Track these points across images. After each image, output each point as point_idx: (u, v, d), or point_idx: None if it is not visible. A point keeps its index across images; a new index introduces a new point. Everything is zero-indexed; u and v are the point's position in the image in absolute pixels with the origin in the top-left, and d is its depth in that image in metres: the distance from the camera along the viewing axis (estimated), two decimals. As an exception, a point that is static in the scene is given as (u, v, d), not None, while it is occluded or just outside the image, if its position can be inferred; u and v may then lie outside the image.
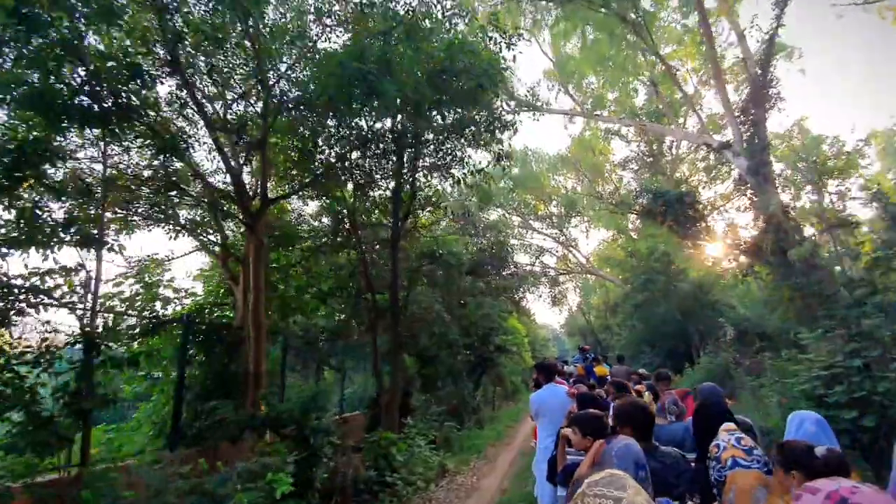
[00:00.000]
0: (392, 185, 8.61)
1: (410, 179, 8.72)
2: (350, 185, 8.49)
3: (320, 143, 6.90)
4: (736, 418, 2.84)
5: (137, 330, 6.00)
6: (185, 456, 5.79)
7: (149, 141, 5.60)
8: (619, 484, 1.04)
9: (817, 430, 2.25)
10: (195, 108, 5.60)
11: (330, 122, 6.53)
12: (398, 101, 6.01)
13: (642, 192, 12.34)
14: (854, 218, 9.10)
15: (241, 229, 7.14)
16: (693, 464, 2.54)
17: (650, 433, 2.33)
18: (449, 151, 8.27)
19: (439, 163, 8.50)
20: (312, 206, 10.17)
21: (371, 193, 8.82)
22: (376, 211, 9.07)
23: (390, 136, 7.75)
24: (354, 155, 8.44)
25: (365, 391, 10.40)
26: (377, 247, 9.19)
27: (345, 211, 8.63)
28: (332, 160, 7.11)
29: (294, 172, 7.31)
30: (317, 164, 6.97)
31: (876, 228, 8.58)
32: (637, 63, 13.72)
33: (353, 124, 6.65)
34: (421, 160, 8.59)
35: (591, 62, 15.23)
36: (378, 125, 7.35)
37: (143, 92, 5.06)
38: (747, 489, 1.59)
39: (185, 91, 5.48)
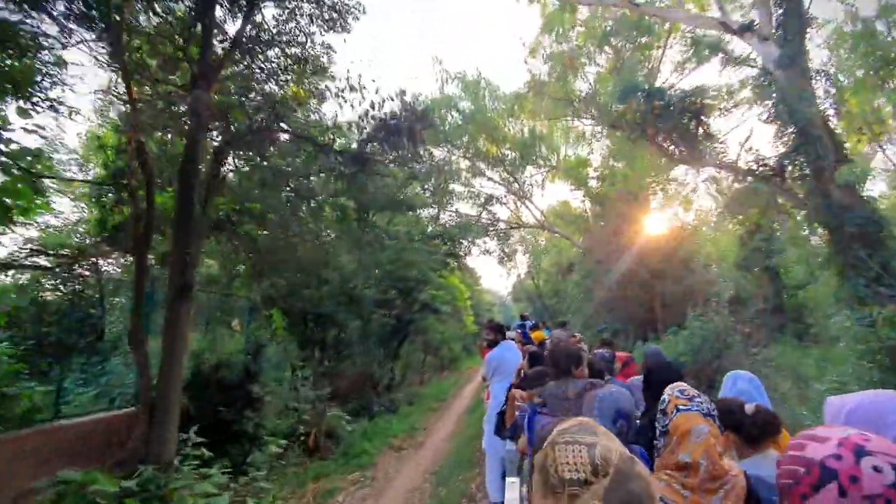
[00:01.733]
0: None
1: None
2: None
3: None
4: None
5: None
6: None
7: None
8: (589, 430, 0.97)
9: (749, 387, 2.26)
10: None
11: None
12: None
13: (629, 93, 8.82)
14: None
15: None
16: (637, 420, 2.56)
17: (568, 373, 2.46)
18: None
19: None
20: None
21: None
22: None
23: None
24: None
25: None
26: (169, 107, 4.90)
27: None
28: None
29: None
30: None
31: None
32: None
33: None
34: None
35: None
36: None
37: None
38: (687, 426, 1.44)
39: None
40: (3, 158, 4.38)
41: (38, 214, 5.05)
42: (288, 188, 7.85)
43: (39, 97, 4.51)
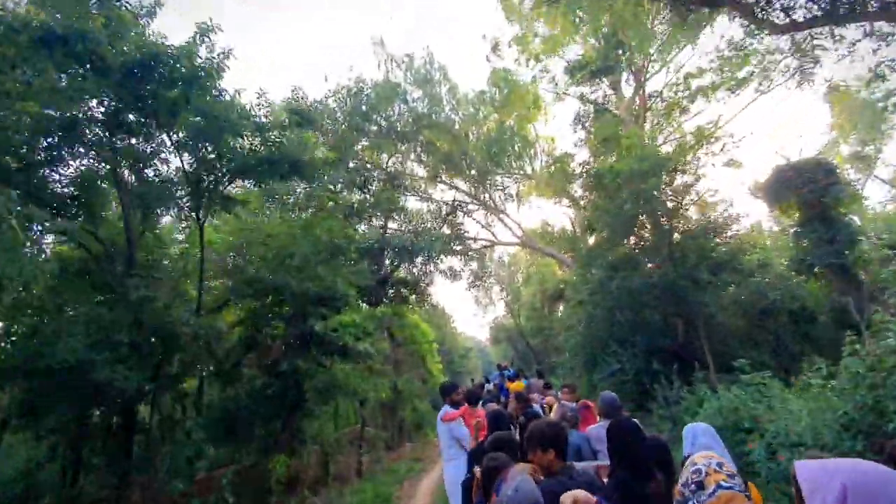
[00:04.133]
0: None
1: None
2: None
3: None
4: (650, 437, 2.69)
5: None
6: None
7: None
8: None
9: (712, 442, 2.31)
10: None
11: None
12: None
13: None
14: None
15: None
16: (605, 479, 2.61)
17: (564, 452, 2.32)
18: None
19: None
20: None
21: None
22: None
23: None
24: None
25: None
26: None
27: None
28: None
29: None
30: None
31: None
32: None
33: None
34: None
35: None
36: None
37: None
38: None
39: None
40: None
41: None
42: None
43: None
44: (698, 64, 18.87)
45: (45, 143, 4.63)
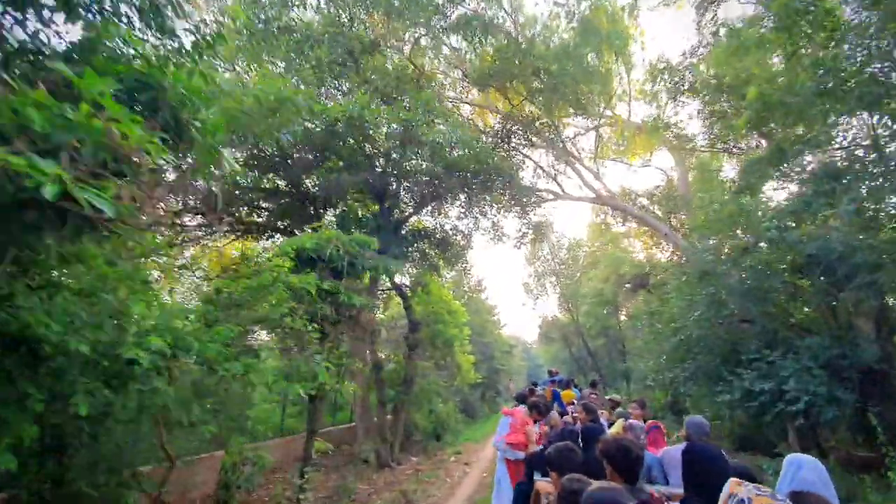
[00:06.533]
0: None
1: None
2: None
3: None
4: (734, 465, 2.63)
5: None
6: None
7: None
8: None
9: (815, 479, 2.06)
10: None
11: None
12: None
13: None
14: None
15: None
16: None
17: (636, 475, 2.29)
18: None
19: None
20: None
21: None
22: None
23: None
24: None
25: None
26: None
27: None
28: None
29: None
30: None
31: None
32: None
33: None
34: None
35: None
36: None
37: None
38: None
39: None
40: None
41: None
42: None
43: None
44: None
45: None
